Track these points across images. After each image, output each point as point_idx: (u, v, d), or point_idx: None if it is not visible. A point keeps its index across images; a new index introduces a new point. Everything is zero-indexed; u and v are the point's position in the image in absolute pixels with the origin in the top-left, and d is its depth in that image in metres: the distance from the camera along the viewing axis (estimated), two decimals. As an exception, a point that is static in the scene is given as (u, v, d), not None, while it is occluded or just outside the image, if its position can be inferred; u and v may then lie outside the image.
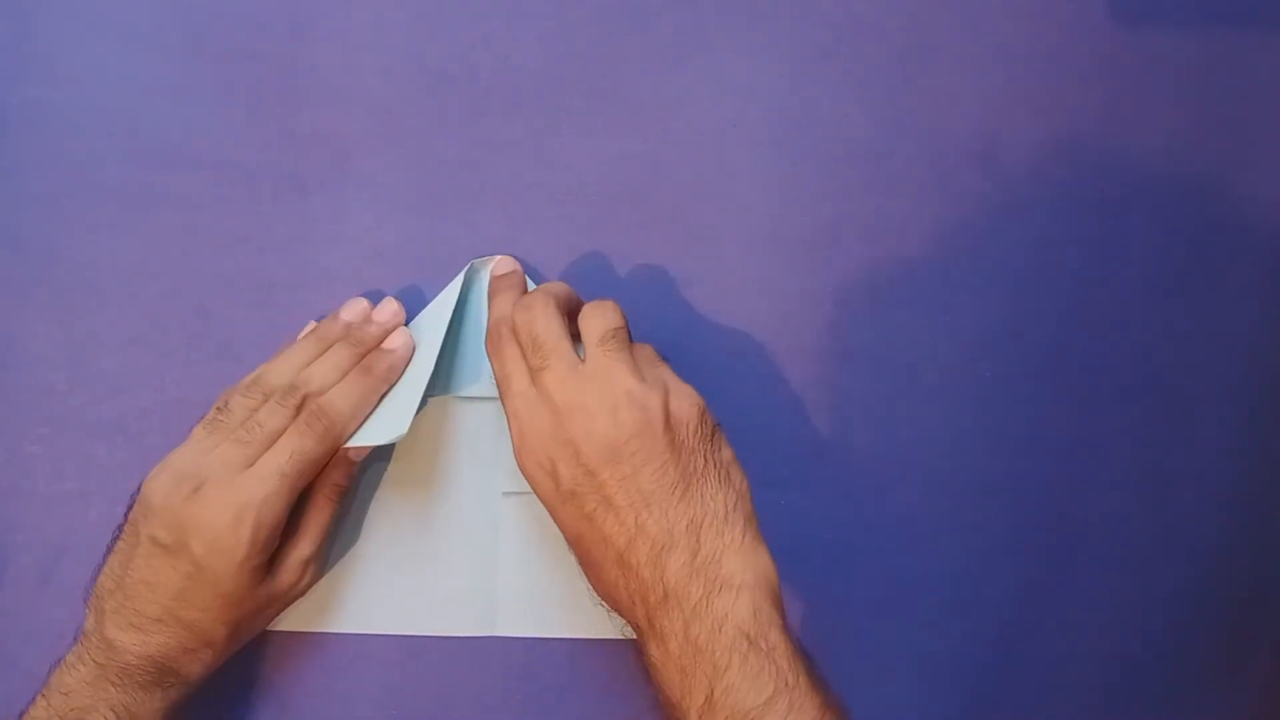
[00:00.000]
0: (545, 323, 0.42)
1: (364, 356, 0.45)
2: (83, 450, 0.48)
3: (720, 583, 0.38)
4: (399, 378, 0.46)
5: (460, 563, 0.48)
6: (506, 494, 0.48)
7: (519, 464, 0.42)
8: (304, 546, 0.45)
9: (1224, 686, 0.53)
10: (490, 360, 0.44)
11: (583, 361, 0.42)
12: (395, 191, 0.49)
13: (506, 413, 0.43)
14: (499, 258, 0.48)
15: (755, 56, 0.50)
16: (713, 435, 0.42)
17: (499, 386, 0.44)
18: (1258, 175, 0.52)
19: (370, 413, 0.45)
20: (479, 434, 0.49)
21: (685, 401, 0.41)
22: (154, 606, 0.42)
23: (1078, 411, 0.52)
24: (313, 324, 0.48)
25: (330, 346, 0.46)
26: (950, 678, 0.51)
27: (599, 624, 0.48)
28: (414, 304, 0.48)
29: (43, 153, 0.48)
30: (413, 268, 0.49)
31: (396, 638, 0.48)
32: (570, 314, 0.44)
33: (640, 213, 0.50)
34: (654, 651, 0.39)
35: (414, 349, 0.46)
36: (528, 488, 0.47)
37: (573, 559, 0.48)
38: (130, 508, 0.44)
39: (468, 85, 0.49)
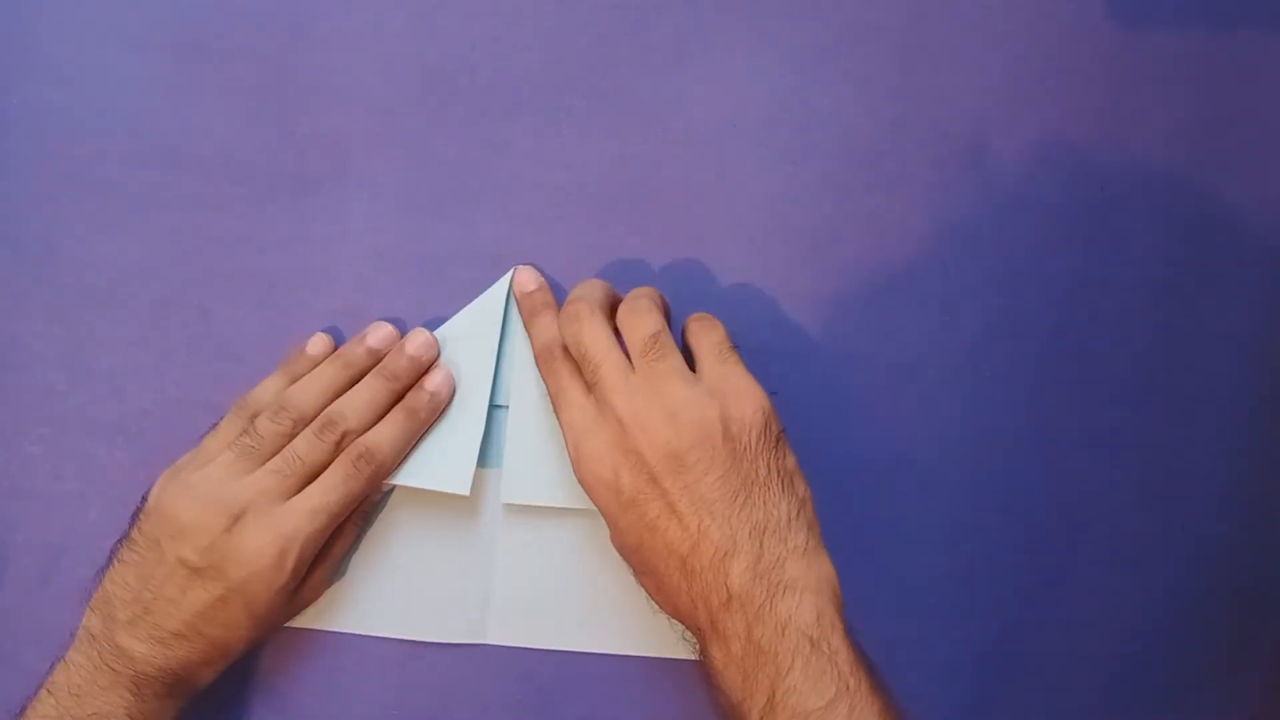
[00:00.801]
0: (592, 335, 0.43)
1: (399, 391, 0.46)
2: (83, 450, 0.48)
3: (783, 586, 0.39)
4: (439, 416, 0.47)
5: (456, 570, 0.48)
6: (507, 504, 0.48)
7: (578, 474, 0.43)
8: (327, 568, 0.46)
9: (1224, 686, 0.53)
10: (544, 379, 0.45)
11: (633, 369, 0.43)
12: (395, 191, 0.49)
13: (561, 424, 0.44)
14: (519, 271, 0.48)
15: (755, 56, 0.50)
16: (777, 442, 0.42)
17: (554, 402, 0.44)
18: (1258, 175, 0.52)
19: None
20: (483, 442, 0.48)
21: (749, 406, 0.41)
22: (176, 622, 0.42)
23: (1077, 411, 0.52)
24: (321, 335, 0.48)
25: (355, 372, 0.46)
26: (950, 678, 0.51)
27: (590, 638, 0.48)
28: (414, 308, 0.49)
29: (43, 153, 0.48)
30: (413, 268, 0.49)
31: (396, 638, 0.48)
32: (611, 309, 0.45)
33: (640, 213, 0.50)
34: (716, 654, 0.39)
35: (455, 388, 0.47)
36: (528, 498, 0.47)
37: (568, 572, 0.47)
38: (136, 515, 0.44)
39: (468, 85, 0.49)
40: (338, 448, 0.44)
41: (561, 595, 0.48)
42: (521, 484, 0.47)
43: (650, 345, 0.42)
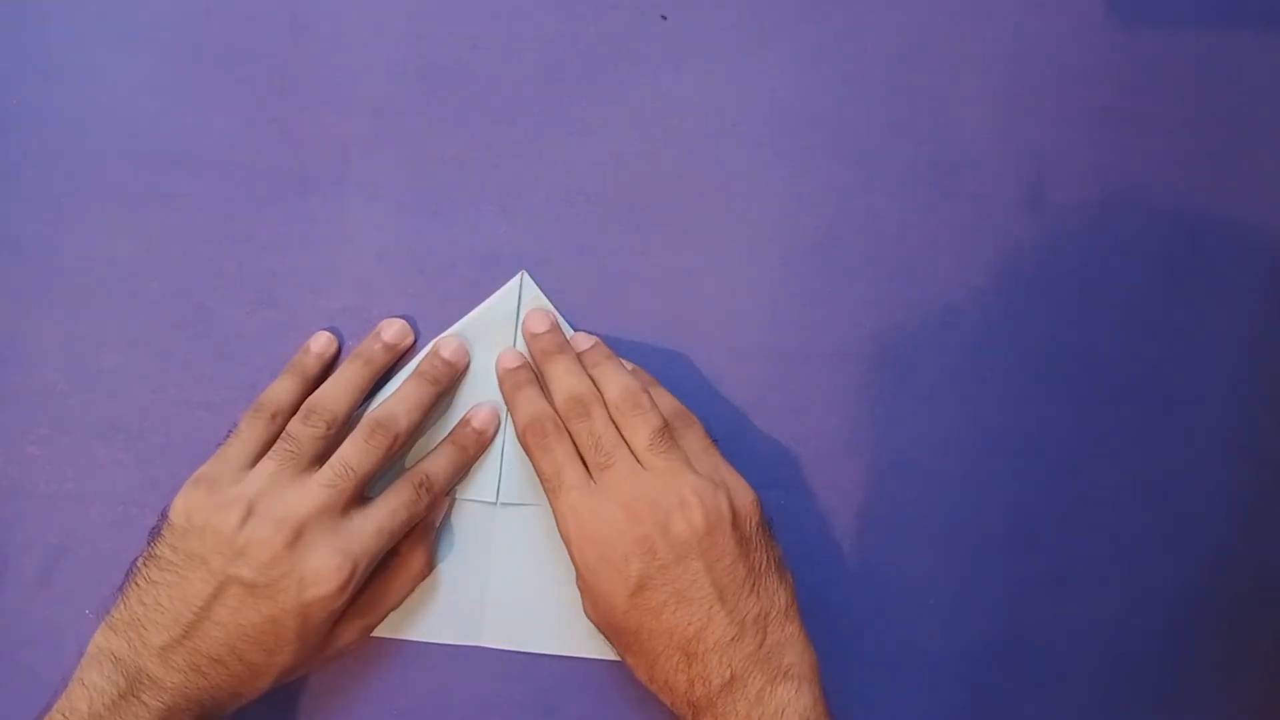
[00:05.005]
0: (605, 427, 0.44)
1: (439, 395, 0.46)
2: (83, 450, 0.48)
3: (781, 672, 0.41)
4: None
5: (451, 570, 0.48)
6: (504, 504, 0.48)
7: (582, 555, 0.43)
8: (373, 616, 0.45)
9: (1224, 686, 0.53)
10: (534, 456, 0.45)
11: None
12: (395, 191, 0.49)
13: (559, 506, 0.44)
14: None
15: (755, 56, 0.50)
16: (770, 533, 0.44)
17: (548, 482, 0.44)
18: (1258, 175, 0.52)
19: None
20: None
21: (745, 498, 0.43)
22: (218, 645, 0.40)
23: (1077, 411, 0.52)
24: (324, 333, 0.48)
25: (376, 369, 0.46)
26: (950, 678, 0.51)
27: (584, 644, 0.48)
28: (414, 308, 0.49)
29: (43, 153, 0.48)
30: (413, 268, 0.49)
31: (394, 638, 0.48)
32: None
33: (640, 213, 0.50)
34: None
35: (500, 423, 0.48)
36: (525, 499, 0.47)
37: (562, 573, 0.47)
38: (158, 531, 0.43)
39: (468, 85, 0.49)
40: (388, 453, 0.44)
41: (556, 599, 0.48)
42: (520, 485, 0.48)
43: (657, 438, 0.43)
